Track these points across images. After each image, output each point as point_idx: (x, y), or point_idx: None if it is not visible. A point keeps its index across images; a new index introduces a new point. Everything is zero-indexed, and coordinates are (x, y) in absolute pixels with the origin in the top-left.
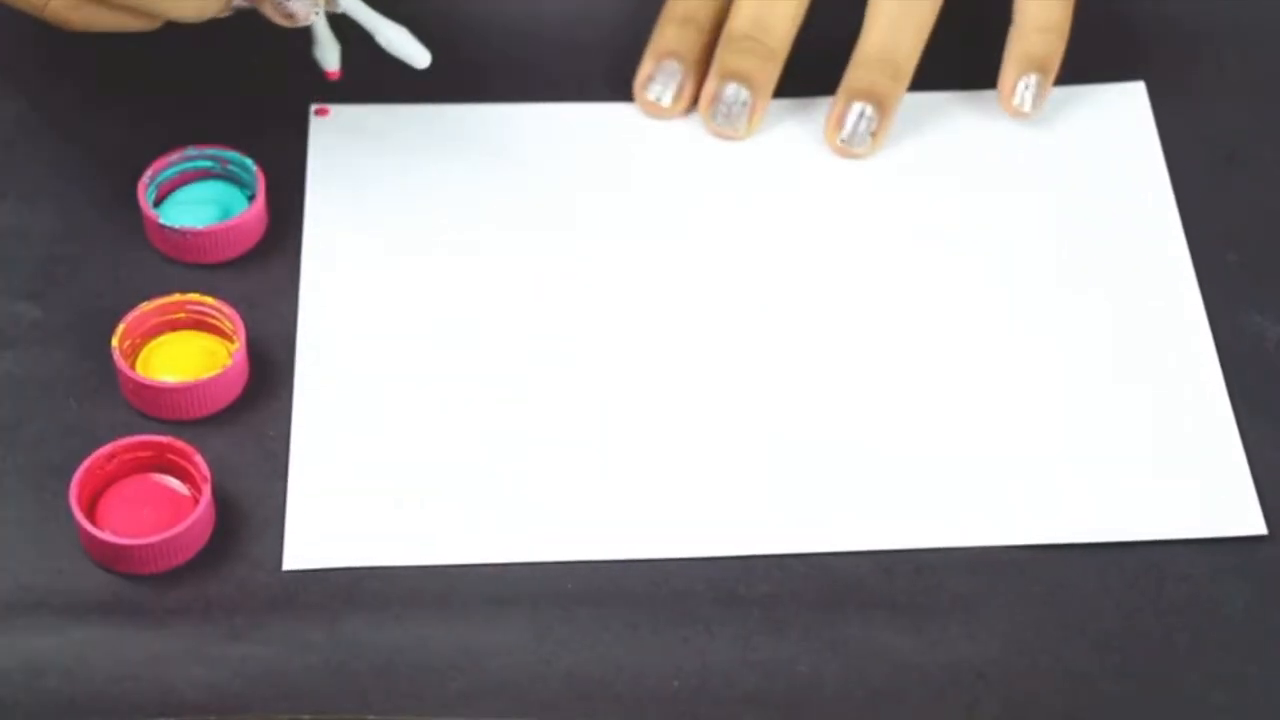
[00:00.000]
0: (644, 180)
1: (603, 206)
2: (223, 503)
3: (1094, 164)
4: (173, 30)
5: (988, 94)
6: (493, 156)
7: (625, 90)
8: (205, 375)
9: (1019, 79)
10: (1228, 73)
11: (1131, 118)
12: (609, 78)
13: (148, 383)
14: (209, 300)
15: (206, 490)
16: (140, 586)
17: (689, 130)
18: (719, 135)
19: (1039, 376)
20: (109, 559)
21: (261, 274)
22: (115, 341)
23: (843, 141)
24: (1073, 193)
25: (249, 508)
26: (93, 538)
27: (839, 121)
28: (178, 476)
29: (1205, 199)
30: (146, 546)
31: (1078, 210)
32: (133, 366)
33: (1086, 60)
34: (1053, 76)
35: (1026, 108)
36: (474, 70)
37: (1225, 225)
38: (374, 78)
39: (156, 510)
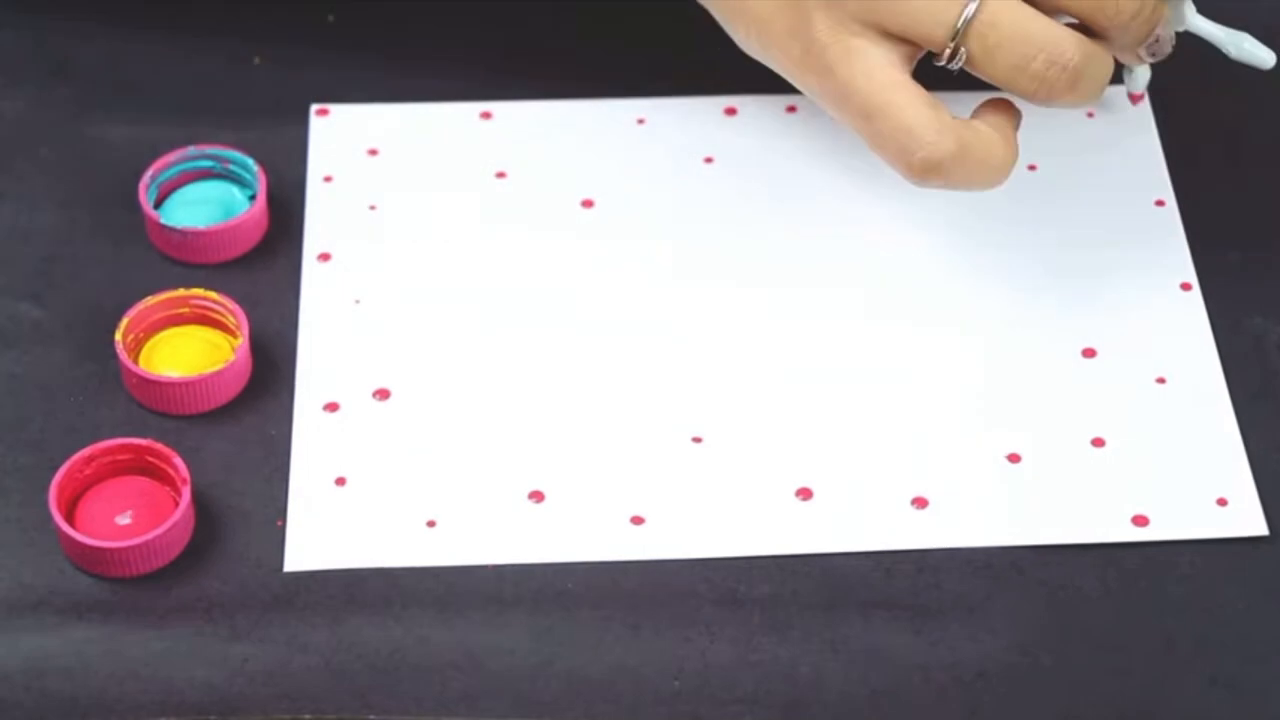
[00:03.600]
0: (644, 179)
1: (603, 206)
2: (223, 502)
3: (1094, 164)
4: (171, 31)
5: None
6: (493, 156)
7: (625, 89)
8: (208, 370)
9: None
10: (1228, 73)
11: (1131, 118)
12: (608, 77)
13: (150, 377)
14: (213, 295)
15: (186, 493)
16: (140, 586)
17: (688, 130)
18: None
19: (1039, 376)
20: (88, 562)
21: (262, 274)
22: (119, 335)
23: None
24: (1073, 193)
25: (249, 508)
26: (71, 541)
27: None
28: (157, 479)
29: (1205, 199)
30: (125, 549)
31: (1078, 210)
32: (136, 361)
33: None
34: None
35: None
36: (474, 70)
37: (1225, 225)
38: (374, 78)
39: (137, 513)
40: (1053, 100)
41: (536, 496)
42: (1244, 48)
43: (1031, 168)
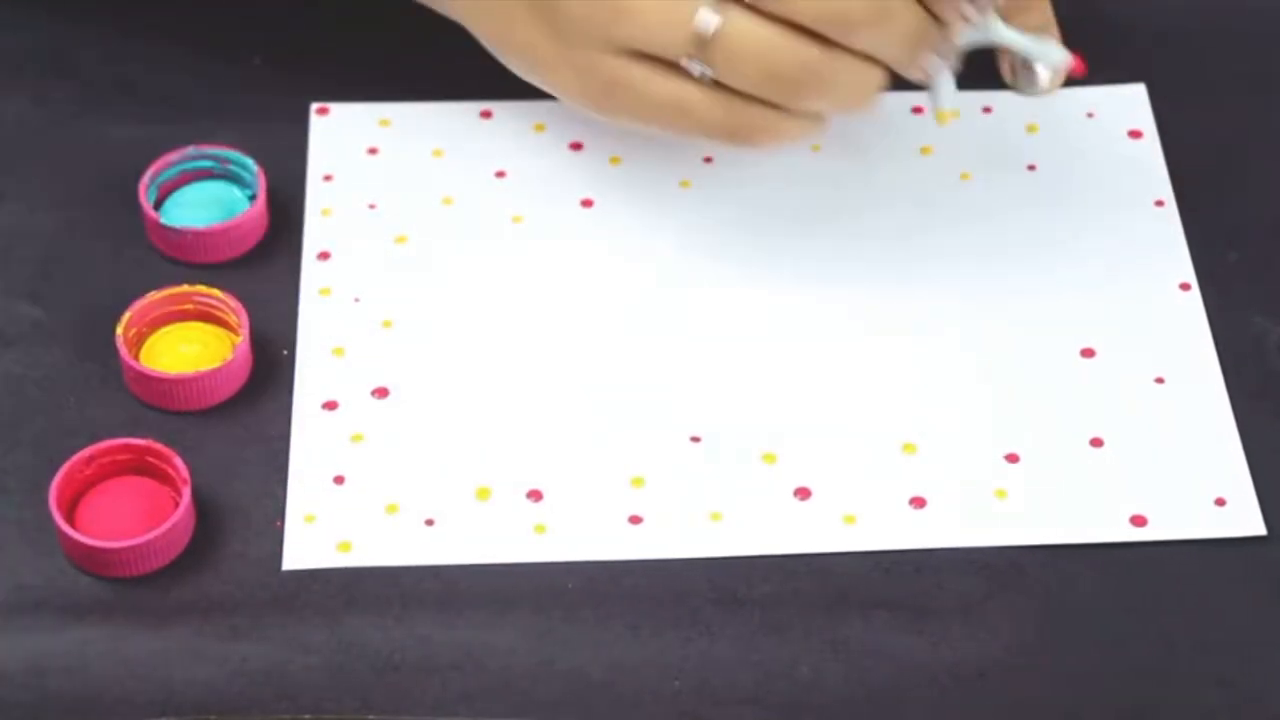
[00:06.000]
0: (643, 179)
1: (602, 206)
2: (222, 502)
3: (1094, 164)
4: (171, 31)
5: (988, 94)
6: (493, 156)
7: None
8: (207, 367)
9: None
10: (1228, 73)
11: (1131, 118)
12: None
13: (149, 373)
14: (215, 292)
15: (186, 493)
16: (140, 586)
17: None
18: None
19: (1039, 376)
20: (88, 562)
21: (262, 274)
22: (120, 329)
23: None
24: (1073, 193)
25: (248, 507)
26: (71, 541)
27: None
28: (158, 479)
29: (1205, 199)
30: (125, 549)
31: (1078, 210)
32: (136, 356)
33: (1087, 61)
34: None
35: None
36: (474, 70)
37: (1225, 225)
38: (374, 78)
39: (137, 513)
40: (804, 103)
41: (535, 495)
42: (1051, 58)
43: (1031, 168)
